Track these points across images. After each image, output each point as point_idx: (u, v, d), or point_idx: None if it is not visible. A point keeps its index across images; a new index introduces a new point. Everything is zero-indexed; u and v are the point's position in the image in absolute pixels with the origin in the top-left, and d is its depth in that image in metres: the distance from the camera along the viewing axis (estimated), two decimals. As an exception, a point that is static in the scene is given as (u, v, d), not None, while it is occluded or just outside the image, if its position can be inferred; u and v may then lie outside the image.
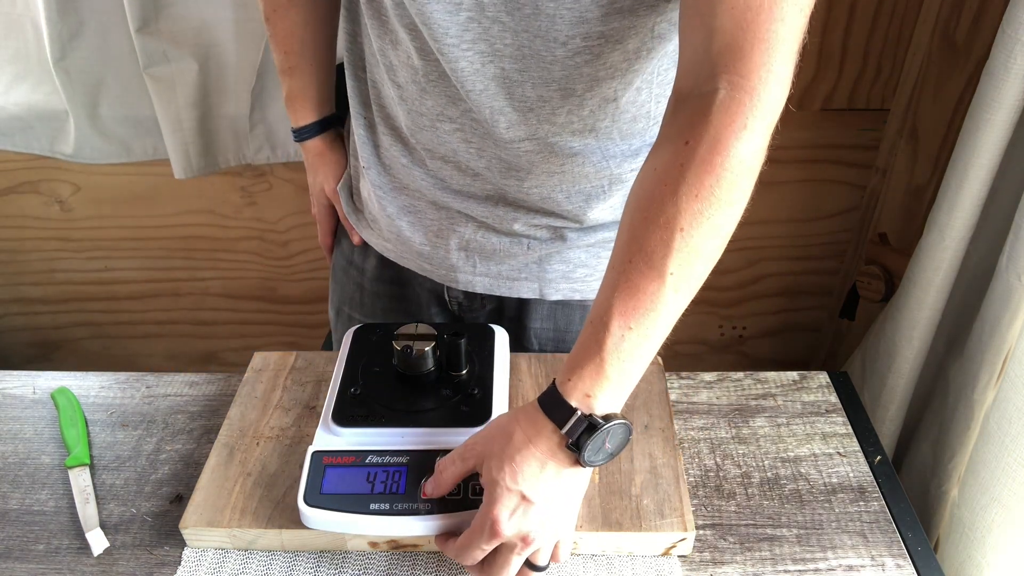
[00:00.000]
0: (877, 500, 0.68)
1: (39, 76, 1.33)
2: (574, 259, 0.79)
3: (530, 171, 0.70)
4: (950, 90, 1.23)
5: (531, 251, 0.77)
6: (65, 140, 1.37)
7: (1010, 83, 0.82)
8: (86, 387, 0.79)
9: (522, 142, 0.67)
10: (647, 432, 0.69)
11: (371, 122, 0.76)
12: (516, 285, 0.80)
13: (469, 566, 0.57)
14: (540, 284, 0.80)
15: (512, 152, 0.68)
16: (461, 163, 0.71)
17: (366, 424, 0.64)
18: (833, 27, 1.30)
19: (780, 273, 1.61)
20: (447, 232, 0.77)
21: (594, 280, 0.80)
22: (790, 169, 1.46)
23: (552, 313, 0.83)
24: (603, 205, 0.74)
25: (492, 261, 0.78)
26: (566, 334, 0.84)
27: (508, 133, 0.67)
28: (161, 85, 1.27)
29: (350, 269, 0.89)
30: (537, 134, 0.67)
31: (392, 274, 0.86)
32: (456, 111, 0.67)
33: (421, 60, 0.65)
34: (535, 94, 0.64)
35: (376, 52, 0.70)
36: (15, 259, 1.62)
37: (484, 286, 0.80)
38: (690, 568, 0.62)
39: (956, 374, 0.96)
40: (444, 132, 0.69)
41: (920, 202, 1.34)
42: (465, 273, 0.79)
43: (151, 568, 0.63)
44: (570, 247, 0.77)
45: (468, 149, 0.70)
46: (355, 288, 0.89)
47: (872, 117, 1.40)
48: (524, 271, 0.79)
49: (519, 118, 0.66)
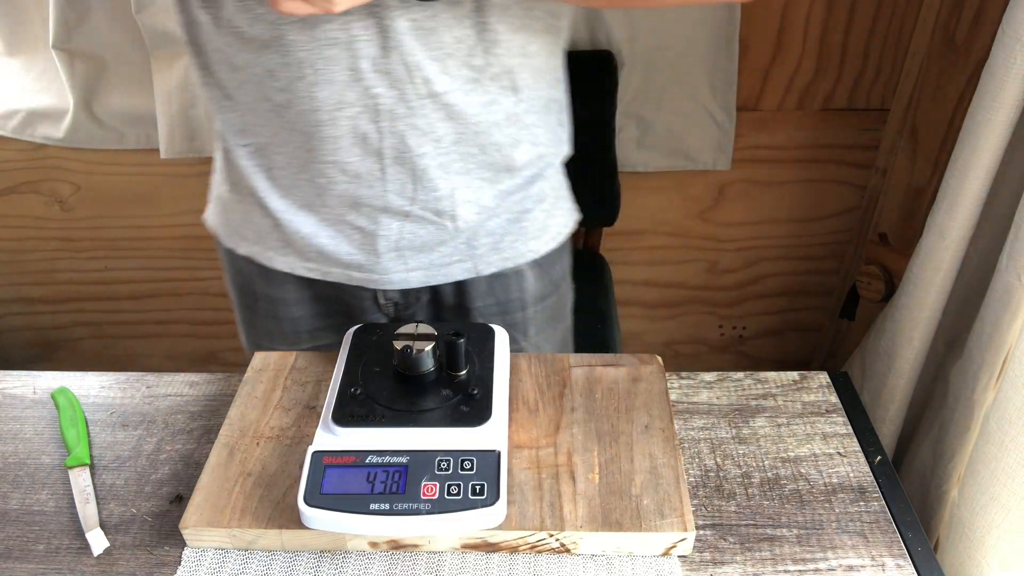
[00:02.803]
0: (877, 500, 0.68)
1: (33, 59, 1.34)
2: (498, 229, 0.78)
3: (438, 138, 0.69)
4: (950, 90, 1.23)
5: (458, 232, 0.76)
6: (57, 126, 1.38)
7: (1010, 83, 0.82)
8: (86, 387, 0.79)
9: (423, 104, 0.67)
10: (647, 432, 0.69)
11: (259, 146, 0.74)
12: (450, 269, 0.79)
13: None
14: (473, 262, 0.79)
15: (415, 122, 0.68)
16: (369, 151, 0.69)
17: (366, 424, 0.64)
18: (833, 27, 1.30)
19: (780, 273, 1.61)
20: (372, 235, 0.75)
21: (520, 244, 0.80)
22: (790, 169, 1.46)
23: (489, 288, 0.83)
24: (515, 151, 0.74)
25: (423, 252, 0.77)
26: (508, 303, 0.84)
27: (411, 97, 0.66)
28: (161, 64, 1.28)
29: (257, 305, 0.86)
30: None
31: (312, 294, 0.84)
32: (353, 94, 0.66)
33: (309, 49, 0.64)
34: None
35: (235, 61, 0.68)
36: (15, 259, 1.62)
37: (419, 279, 0.79)
38: (690, 568, 0.62)
39: (956, 374, 0.95)
40: (345, 120, 0.68)
41: (920, 202, 1.34)
42: (398, 272, 0.78)
43: (151, 568, 0.63)
44: (492, 216, 0.77)
45: (373, 131, 0.68)
46: (270, 320, 0.87)
47: (872, 117, 1.40)
48: (455, 254, 0.78)
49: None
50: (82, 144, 1.40)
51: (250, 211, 0.79)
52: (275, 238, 0.79)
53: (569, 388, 0.74)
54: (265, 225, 0.78)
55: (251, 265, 0.83)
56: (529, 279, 0.84)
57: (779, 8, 1.28)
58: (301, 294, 0.84)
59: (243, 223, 0.81)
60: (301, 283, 0.83)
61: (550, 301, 0.88)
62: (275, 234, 0.79)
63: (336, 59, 0.64)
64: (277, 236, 0.79)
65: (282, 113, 0.69)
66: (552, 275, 0.87)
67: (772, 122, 1.40)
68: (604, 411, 0.71)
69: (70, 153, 1.45)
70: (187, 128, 1.35)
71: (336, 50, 0.63)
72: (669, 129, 1.40)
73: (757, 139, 1.42)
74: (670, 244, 1.57)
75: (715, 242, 1.56)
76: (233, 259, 0.85)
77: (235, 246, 0.83)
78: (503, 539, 0.62)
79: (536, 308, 0.86)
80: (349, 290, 0.82)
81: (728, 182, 1.48)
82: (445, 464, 0.61)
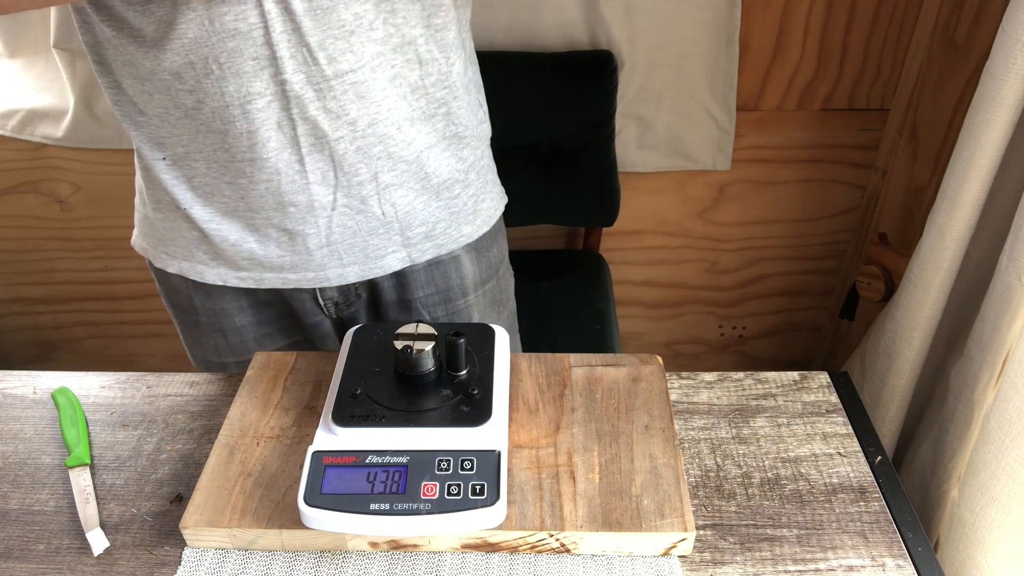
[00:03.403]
0: (877, 500, 0.68)
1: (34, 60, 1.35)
2: (430, 217, 0.78)
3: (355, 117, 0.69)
4: (950, 90, 1.23)
5: (388, 221, 0.76)
6: (57, 125, 1.39)
7: (1010, 83, 0.82)
8: (86, 387, 0.79)
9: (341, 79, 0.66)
10: (647, 432, 0.69)
11: (176, 157, 0.73)
12: (385, 261, 0.79)
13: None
14: (408, 251, 0.79)
15: (327, 104, 0.67)
16: (284, 142, 0.69)
17: (366, 424, 0.64)
18: (833, 27, 1.30)
19: (780, 273, 1.61)
20: (300, 234, 0.75)
21: (453, 229, 0.81)
22: (790, 169, 1.46)
23: (429, 277, 0.83)
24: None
25: (356, 246, 0.77)
26: (449, 291, 0.84)
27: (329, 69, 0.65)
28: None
29: (199, 320, 0.86)
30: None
31: (252, 300, 0.84)
32: (260, 83, 0.65)
33: (211, 43, 0.63)
34: None
35: (139, 72, 0.67)
36: (15, 259, 1.62)
37: (356, 274, 0.79)
38: (690, 568, 0.62)
39: (956, 374, 0.95)
40: (256, 112, 0.67)
41: (920, 202, 1.34)
42: (333, 268, 0.78)
43: (151, 568, 0.63)
44: (420, 201, 0.77)
45: (285, 120, 0.67)
46: (215, 335, 0.86)
47: (872, 117, 1.40)
48: (389, 245, 0.78)
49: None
50: (82, 143, 1.40)
51: (175, 226, 0.78)
52: (203, 251, 0.78)
53: (569, 388, 0.74)
54: (192, 238, 0.78)
55: (185, 282, 0.82)
56: (466, 264, 0.84)
57: (779, 8, 1.28)
58: (240, 303, 0.84)
59: (170, 240, 0.80)
60: (238, 292, 0.83)
61: (490, 286, 0.89)
62: (203, 246, 0.78)
63: (238, 50, 0.63)
64: (205, 248, 0.78)
65: (194, 116, 0.68)
66: (489, 259, 0.87)
67: (772, 122, 1.40)
68: (604, 411, 0.71)
69: (70, 153, 1.45)
70: None
71: (237, 40, 0.63)
72: (669, 129, 1.40)
73: (757, 139, 1.42)
74: (670, 244, 1.57)
75: (715, 242, 1.56)
76: (165, 278, 0.84)
77: (164, 265, 0.82)
78: (503, 539, 0.62)
79: (477, 294, 0.87)
80: (287, 293, 0.82)
81: (728, 182, 1.48)
82: (445, 464, 0.61)
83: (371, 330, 0.75)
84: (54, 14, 1.25)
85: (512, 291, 0.96)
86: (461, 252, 0.83)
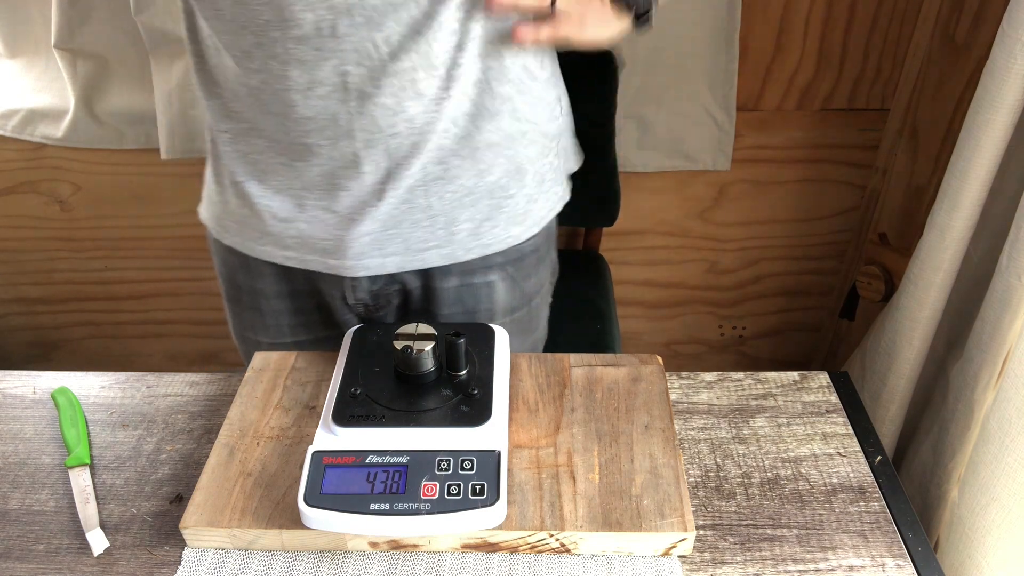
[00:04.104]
0: (877, 500, 0.68)
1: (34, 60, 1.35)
2: (477, 215, 0.77)
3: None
4: (950, 90, 1.23)
5: (435, 214, 0.76)
6: (57, 125, 1.39)
7: (1010, 83, 0.82)
8: (86, 387, 0.79)
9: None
10: (647, 432, 0.69)
11: (238, 132, 0.74)
12: (427, 255, 0.79)
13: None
14: (451, 248, 0.79)
15: (385, 101, 0.67)
16: (341, 130, 0.69)
17: (366, 424, 0.64)
18: (833, 27, 1.30)
19: (780, 273, 1.61)
20: (348, 219, 0.75)
21: (500, 229, 0.79)
22: (790, 169, 1.46)
23: (458, 296, 0.82)
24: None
25: (399, 237, 0.77)
26: (476, 313, 0.84)
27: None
28: (161, 64, 1.28)
29: (241, 296, 0.87)
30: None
31: (290, 288, 0.85)
32: (323, 73, 0.66)
33: (281, 30, 0.64)
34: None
35: (218, 43, 0.69)
36: (15, 259, 1.62)
37: (396, 264, 0.78)
38: (690, 568, 0.62)
39: (956, 374, 0.95)
40: (316, 100, 0.67)
41: (920, 202, 1.34)
42: (374, 257, 0.77)
43: (151, 568, 0.63)
44: (471, 198, 0.76)
45: (343, 111, 0.68)
46: (254, 313, 0.88)
47: (872, 117, 1.40)
48: (433, 239, 0.78)
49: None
50: (82, 144, 1.40)
51: (232, 200, 0.79)
52: (254, 226, 0.79)
53: (569, 388, 0.74)
54: (244, 214, 0.79)
55: (234, 256, 0.84)
56: (499, 291, 0.84)
57: (779, 8, 1.28)
58: (279, 287, 0.85)
59: (226, 213, 0.81)
60: (279, 276, 0.83)
61: (520, 314, 0.88)
62: (253, 221, 0.79)
63: (305, 39, 0.64)
64: (256, 223, 0.79)
65: (258, 95, 0.69)
66: (524, 288, 0.86)
67: (772, 122, 1.40)
68: (604, 411, 0.71)
69: (70, 153, 1.45)
70: (187, 128, 1.36)
71: (304, 28, 0.63)
72: (669, 129, 1.40)
73: (757, 139, 1.42)
74: (670, 244, 1.57)
75: (715, 242, 1.56)
76: (219, 250, 0.86)
77: (221, 236, 0.84)
78: (503, 539, 0.62)
79: (504, 320, 0.86)
80: (324, 283, 0.82)
81: (728, 182, 1.48)
82: (445, 464, 0.61)
83: (371, 330, 0.75)
84: (55, 14, 1.25)
85: (544, 321, 0.95)
86: (497, 278, 0.83)
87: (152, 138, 1.39)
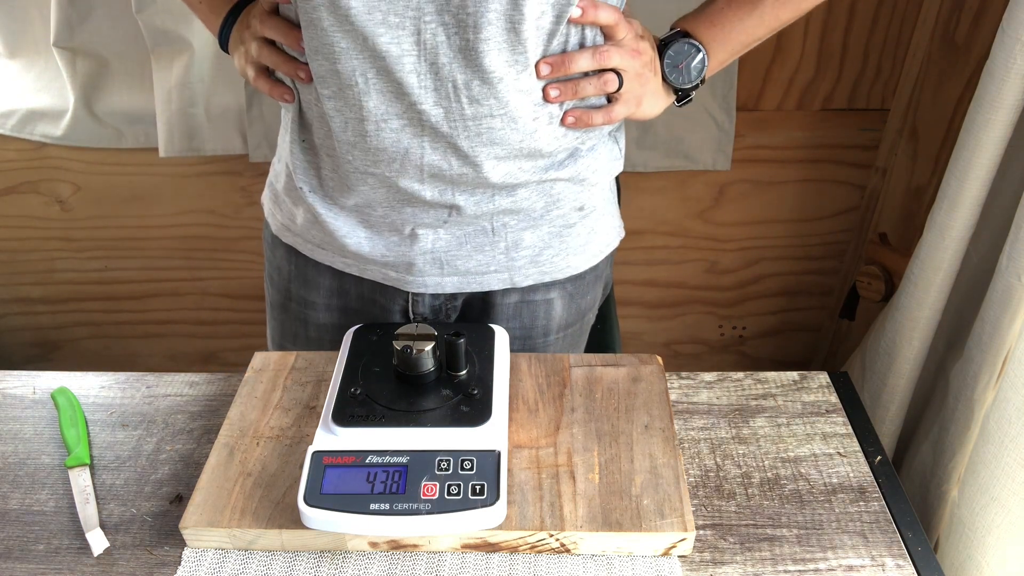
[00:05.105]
0: (877, 500, 0.68)
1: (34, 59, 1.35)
2: (539, 242, 0.78)
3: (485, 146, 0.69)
4: (950, 90, 1.23)
5: (497, 239, 0.77)
6: (56, 124, 1.39)
7: (1010, 83, 0.82)
8: (86, 387, 0.79)
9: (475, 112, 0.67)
10: (647, 432, 0.69)
11: (310, 144, 0.74)
12: (486, 279, 0.79)
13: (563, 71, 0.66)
14: (510, 274, 0.79)
15: (457, 142, 0.68)
16: (412, 161, 0.70)
17: (366, 424, 0.64)
18: (833, 27, 1.30)
19: (780, 273, 1.61)
20: (410, 239, 0.76)
21: (560, 259, 0.80)
22: (790, 169, 1.46)
23: (516, 312, 0.83)
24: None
25: (460, 260, 0.78)
26: (532, 329, 0.85)
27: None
28: (161, 63, 1.28)
29: (290, 304, 0.88)
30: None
31: (341, 303, 0.85)
32: (400, 106, 0.66)
33: (361, 59, 0.64)
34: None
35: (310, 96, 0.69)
36: (15, 259, 1.62)
37: (454, 285, 0.79)
38: (690, 568, 0.62)
39: (956, 374, 0.96)
40: (389, 132, 0.68)
41: (920, 202, 1.34)
42: (433, 276, 0.78)
43: (151, 568, 0.63)
44: (533, 228, 0.77)
45: (416, 146, 0.68)
46: (298, 324, 0.88)
47: (872, 117, 1.40)
48: (493, 264, 0.78)
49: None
50: (81, 142, 1.40)
51: (296, 204, 0.80)
52: (314, 233, 0.80)
53: (569, 388, 0.74)
54: (306, 220, 0.80)
55: (290, 264, 0.85)
56: (557, 308, 0.84)
57: (779, 8, 1.28)
58: (331, 301, 0.85)
59: (288, 215, 0.82)
60: (334, 291, 0.84)
61: (573, 329, 0.88)
62: (314, 229, 0.80)
63: (384, 71, 0.64)
64: (317, 231, 0.80)
65: (332, 119, 0.69)
66: (580, 305, 0.87)
67: (772, 122, 1.40)
68: (604, 411, 0.71)
69: (70, 153, 1.45)
70: (186, 127, 1.36)
71: (387, 62, 0.63)
72: (669, 129, 1.40)
73: (757, 139, 1.42)
74: (670, 244, 1.57)
75: (715, 242, 1.56)
76: (275, 255, 0.87)
77: (280, 234, 0.84)
78: (503, 539, 0.62)
79: (558, 336, 0.87)
80: (382, 296, 0.83)
81: (728, 182, 1.48)
82: (445, 464, 0.61)
83: (371, 330, 0.75)
84: (54, 12, 1.25)
85: (588, 331, 0.95)
86: (556, 296, 0.83)
87: (152, 137, 1.39)
